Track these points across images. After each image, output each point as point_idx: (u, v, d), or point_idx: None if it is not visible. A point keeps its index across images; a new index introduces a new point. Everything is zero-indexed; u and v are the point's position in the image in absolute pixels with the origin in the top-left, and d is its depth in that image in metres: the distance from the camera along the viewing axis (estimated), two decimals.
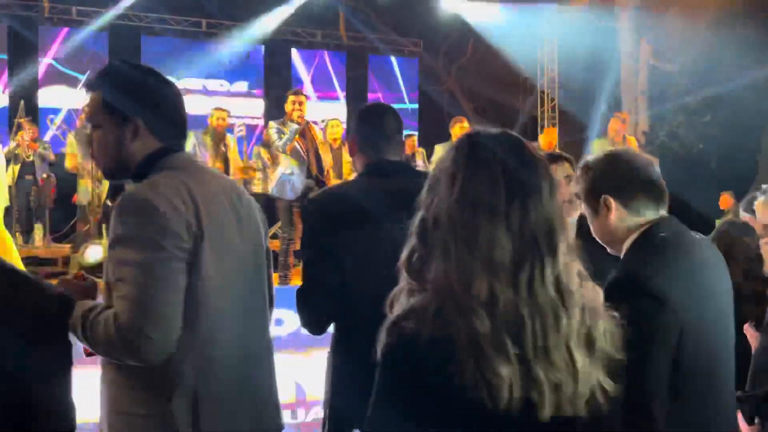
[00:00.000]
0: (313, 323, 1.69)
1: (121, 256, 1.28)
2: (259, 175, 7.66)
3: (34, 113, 9.02)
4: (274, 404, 1.53)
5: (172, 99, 1.44)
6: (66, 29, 9.74)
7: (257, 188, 7.59)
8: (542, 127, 11.57)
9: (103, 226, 5.36)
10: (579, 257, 0.92)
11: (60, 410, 0.94)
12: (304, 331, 3.57)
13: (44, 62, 9.65)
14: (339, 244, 1.62)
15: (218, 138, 5.94)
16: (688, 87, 10.88)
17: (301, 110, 5.30)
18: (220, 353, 1.37)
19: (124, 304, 1.25)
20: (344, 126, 6.82)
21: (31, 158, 6.67)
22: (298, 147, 5.29)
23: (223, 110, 6.14)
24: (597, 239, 1.48)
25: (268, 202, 7.43)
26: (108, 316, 1.26)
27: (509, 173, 0.89)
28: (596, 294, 0.93)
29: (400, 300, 0.94)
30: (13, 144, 6.57)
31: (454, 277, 0.86)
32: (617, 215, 1.40)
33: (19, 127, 6.54)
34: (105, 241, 5.14)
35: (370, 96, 11.52)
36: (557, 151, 6.56)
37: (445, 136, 6.74)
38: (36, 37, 9.63)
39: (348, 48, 11.35)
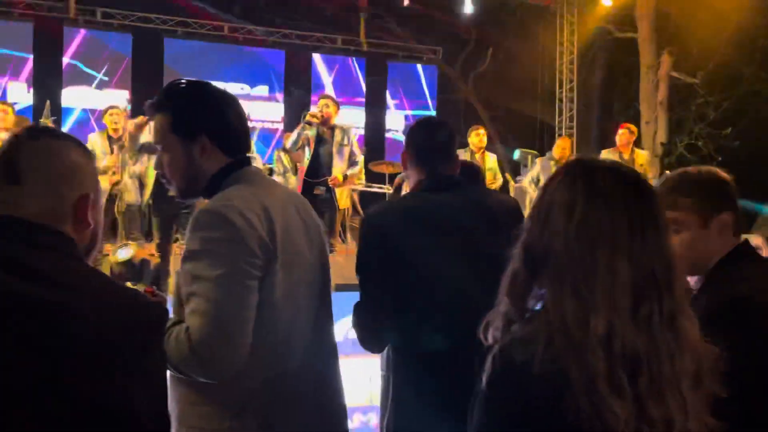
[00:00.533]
0: (371, 341, 1.67)
1: (195, 271, 1.27)
2: (279, 178, 7.73)
3: (58, 113, 9.13)
4: (342, 412, 1.53)
5: (236, 112, 1.44)
6: (89, 30, 9.86)
7: None
8: (560, 136, 11.54)
9: (120, 226, 5.40)
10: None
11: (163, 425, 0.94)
12: (351, 335, 3.61)
13: (68, 62, 9.78)
14: (397, 260, 1.60)
15: None
16: (708, 99, 10.83)
17: (321, 112, 5.35)
18: (289, 368, 1.37)
19: (196, 319, 1.24)
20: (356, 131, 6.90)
21: None
22: (307, 150, 5.33)
23: None
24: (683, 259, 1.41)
25: None
26: (180, 331, 1.26)
27: (630, 205, 0.88)
28: (696, 326, 0.91)
29: (496, 324, 0.92)
30: None
31: (569, 311, 0.84)
32: (722, 233, 1.32)
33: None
34: (124, 240, 5.20)
35: (389, 102, 11.57)
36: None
37: (463, 145, 6.77)
38: (61, 38, 9.75)
39: (367, 54, 11.40)
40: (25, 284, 0.90)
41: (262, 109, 10.77)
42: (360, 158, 5.60)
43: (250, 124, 6.23)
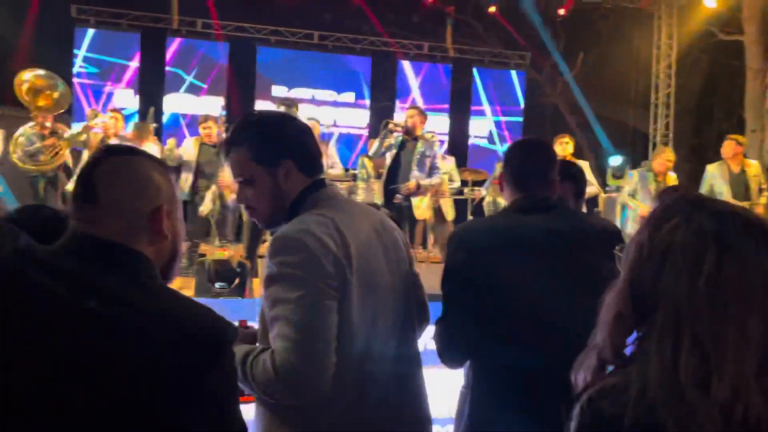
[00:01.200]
0: (451, 358, 1.66)
1: (277, 295, 1.30)
2: (362, 184, 7.85)
3: (159, 118, 9.73)
4: (426, 423, 1.54)
5: (308, 134, 1.49)
6: (189, 39, 10.43)
7: (360, 197, 7.78)
8: (654, 145, 11.01)
9: (213, 228, 5.65)
10: None
11: None
12: (431, 346, 3.63)
13: (169, 70, 10.39)
14: (482, 279, 1.59)
15: None
16: None
17: (406, 122, 5.39)
18: (371, 389, 1.39)
19: (281, 343, 1.27)
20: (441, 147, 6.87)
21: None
22: (388, 157, 5.36)
23: (315, 121, 6.26)
24: None
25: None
26: (267, 356, 1.29)
27: (764, 260, 0.81)
28: None
29: (586, 365, 0.87)
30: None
31: (684, 366, 0.78)
32: None
33: (158, 133, 7.05)
34: (218, 242, 5.45)
35: (474, 109, 11.47)
36: (676, 184, 6.19)
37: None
38: (164, 47, 10.38)
39: (454, 60, 11.36)
40: (88, 301, 0.93)
41: (348, 115, 10.98)
42: (441, 171, 5.56)
43: (335, 130, 6.47)
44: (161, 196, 1.05)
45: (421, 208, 5.39)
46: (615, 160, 9.55)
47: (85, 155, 5.80)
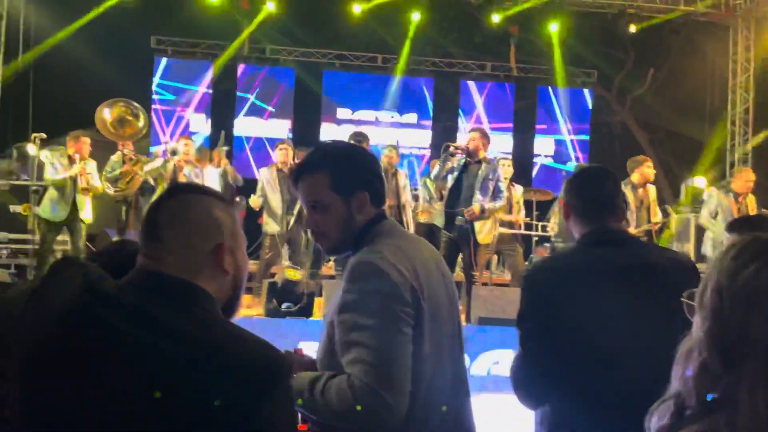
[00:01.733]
0: (527, 396, 1.63)
1: (355, 321, 1.32)
2: (424, 205, 7.87)
3: (231, 142, 10.11)
4: None
5: (380, 167, 1.54)
6: (258, 66, 10.83)
7: (422, 218, 7.79)
8: (732, 164, 10.51)
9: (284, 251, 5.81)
10: None
11: None
12: (474, 372, 3.58)
13: (239, 95, 10.81)
14: (558, 317, 1.57)
15: (389, 176, 6.14)
16: None
17: (467, 144, 5.36)
18: (435, 418, 1.40)
19: (360, 367, 1.28)
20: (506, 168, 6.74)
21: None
22: (450, 179, 5.33)
23: (393, 148, 6.37)
24: None
25: (431, 233, 7.58)
26: (341, 381, 1.29)
27: None
28: None
29: (663, 410, 0.86)
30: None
31: None
32: None
33: (229, 155, 7.34)
34: (288, 263, 5.60)
35: (538, 128, 11.32)
36: (763, 211, 5.86)
37: (618, 169, 6.37)
38: (234, 73, 10.82)
39: (517, 79, 11.28)
40: (149, 335, 0.98)
41: (410, 135, 11.07)
42: (505, 194, 5.46)
43: (399, 151, 6.48)
44: (223, 234, 1.09)
45: (484, 232, 5.32)
46: (692, 181, 9.20)
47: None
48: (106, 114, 6.00)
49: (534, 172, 11.19)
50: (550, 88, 11.31)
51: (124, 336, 0.98)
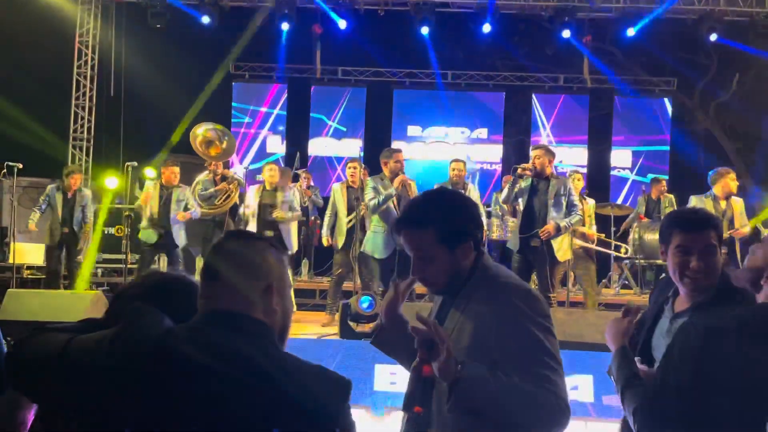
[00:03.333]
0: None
1: (532, 340, 1.46)
2: (497, 221, 7.79)
3: (304, 162, 10.41)
4: None
5: (479, 210, 1.68)
6: (331, 87, 11.11)
7: (494, 235, 7.73)
8: None
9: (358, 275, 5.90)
10: None
11: None
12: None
13: (312, 116, 11.13)
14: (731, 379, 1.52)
15: (458, 190, 6.14)
16: None
17: (533, 163, 5.24)
18: None
19: (548, 385, 1.43)
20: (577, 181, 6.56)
21: (306, 203, 7.64)
22: (521, 202, 5.26)
23: (460, 161, 6.34)
24: None
25: (503, 251, 7.50)
26: (542, 393, 1.42)
27: None
28: None
29: None
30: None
31: None
32: None
33: (296, 178, 7.57)
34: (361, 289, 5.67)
35: (614, 139, 10.99)
36: None
37: (700, 180, 6.11)
38: (308, 95, 11.16)
39: (591, 90, 11.01)
40: (224, 365, 1.09)
41: (481, 151, 11.02)
42: (579, 207, 5.32)
43: (469, 167, 6.45)
44: (272, 276, 1.23)
45: (563, 249, 5.20)
46: None
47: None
48: (198, 134, 6.36)
49: (611, 186, 10.86)
50: (626, 98, 10.98)
51: (207, 370, 1.10)
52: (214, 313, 1.19)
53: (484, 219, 5.80)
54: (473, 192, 6.22)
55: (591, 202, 6.72)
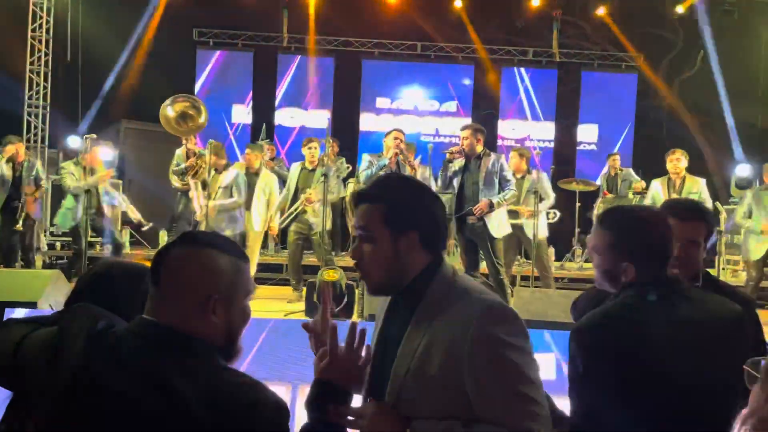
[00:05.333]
0: None
1: (511, 366, 1.28)
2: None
3: (271, 132, 10.23)
4: None
5: (443, 213, 1.45)
6: (297, 56, 10.87)
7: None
8: None
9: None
10: None
11: None
12: None
13: (279, 86, 10.90)
14: (632, 379, 1.50)
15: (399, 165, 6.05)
16: None
17: (462, 145, 5.19)
18: None
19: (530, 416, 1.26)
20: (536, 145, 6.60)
21: None
22: (455, 185, 5.18)
23: (400, 131, 6.22)
24: None
25: None
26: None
27: None
28: None
29: None
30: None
31: None
32: None
33: (261, 150, 7.43)
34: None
35: (581, 114, 11.07)
36: None
37: (663, 157, 6.21)
38: (275, 64, 10.90)
39: (559, 65, 11.03)
40: (140, 388, 1.06)
41: (450, 124, 10.98)
42: (512, 179, 5.17)
43: (438, 140, 6.43)
44: (214, 287, 1.16)
45: (500, 224, 5.15)
46: (742, 169, 8.86)
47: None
48: (169, 111, 6.13)
49: (577, 161, 10.97)
50: (593, 73, 11.03)
51: (117, 393, 1.07)
52: (148, 324, 1.15)
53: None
54: (419, 169, 6.02)
55: (543, 176, 6.68)
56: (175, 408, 1.05)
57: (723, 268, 7.34)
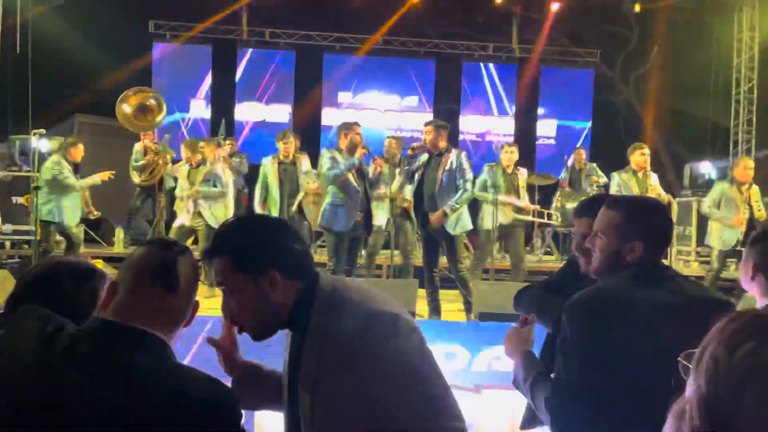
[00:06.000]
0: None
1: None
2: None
3: (231, 127, 10.08)
4: None
5: (293, 236, 1.40)
6: (258, 49, 10.73)
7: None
8: (735, 143, 10.46)
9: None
10: None
11: None
12: (475, 368, 3.60)
13: (239, 80, 10.74)
14: (614, 357, 1.51)
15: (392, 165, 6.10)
16: None
17: (423, 141, 5.22)
18: None
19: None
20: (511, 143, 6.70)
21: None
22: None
23: (397, 138, 6.35)
24: None
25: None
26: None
27: None
28: None
29: None
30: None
31: None
32: None
33: (219, 145, 7.31)
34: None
35: (540, 110, 11.24)
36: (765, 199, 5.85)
37: (620, 151, 6.36)
38: (234, 57, 10.74)
39: (519, 60, 11.17)
40: (93, 386, 1.07)
41: (412, 119, 11.01)
42: (469, 178, 5.17)
43: (400, 134, 6.40)
44: (174, 287, 1.23)
45: (459, 222, 5.18)
46: (702, 167, 9.18)
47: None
48: (126, 108, 5.95)
49: (537, 156, 11.14)
50: (552, 68, 11.20)
51: (76, 389, 1.07)
52: (103, 323, 1.17)
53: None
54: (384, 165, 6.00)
55: (524, 172, 6.84)
56: (137, 402, 1.06)
57: (676, 259, 7.57)
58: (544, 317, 1.92)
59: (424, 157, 5.18)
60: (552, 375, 1.60)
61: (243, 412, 1.19)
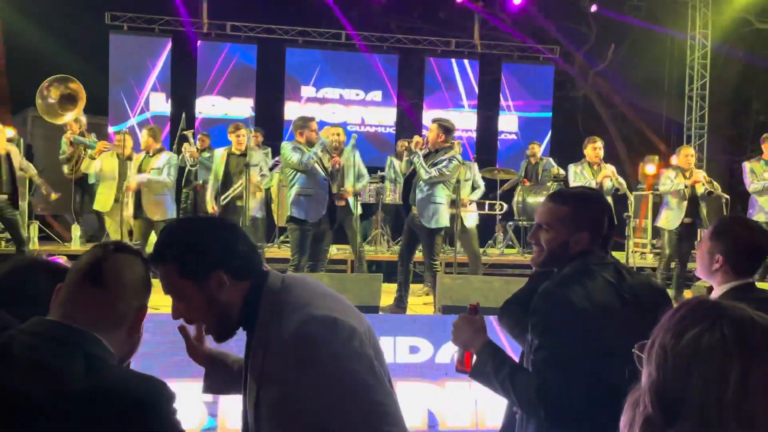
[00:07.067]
0: (557, 417, 1.55)
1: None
2: (390, 186, 7.86)
3: (192, 123, 9.91)
4: None
5: (236, 234, 1.40)
6: (219, 42, 10.55)
7: (387, 198, 7.81)
8: (689, 138, 10.79)
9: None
10: None
11: None
12: (439, 360, 3.65)
13: (199, 73, 10.55)
14: (599, 343, 1.53)
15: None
16: None
17: (426, 138, 5.36)
18: None
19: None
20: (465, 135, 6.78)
21: (196, 168, 7.29)
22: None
23: (339, 127, 6.33)
24: None
25: (398, 214, 7.62)
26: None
27: None
28: None
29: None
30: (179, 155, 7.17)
31: None
32: None
33: (183, 139, 7.18)
34: None
35: (502, 104, 11.38)
36: (710, 187, 6.13)
37: (580, 145, 6.53)
38: (194, 50, 10.54)
39: (481, 56, 11.28)
40: (26, 384, 1.07)
41: (375, 113, 11.01)
42: (440, 167, 5.25)
43: (364, 129, 6.49)
44: (124, 292, 1.23)
45: (437, 216, 5.29)
46: (645, 163, 9.46)
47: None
48: (49, 100, 5.80)
49: (498, 150, 11.28)
50: (513, 65, 11.34)
51: (3, 388, 1.07)
52: (41, 322, 1.17)
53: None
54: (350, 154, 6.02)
55: (474, 167, 6.95)
56: (60, 401, 1.06)
57: (633, 251, 7.79)
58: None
59: (425, 152, 5.32)
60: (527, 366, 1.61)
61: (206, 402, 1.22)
